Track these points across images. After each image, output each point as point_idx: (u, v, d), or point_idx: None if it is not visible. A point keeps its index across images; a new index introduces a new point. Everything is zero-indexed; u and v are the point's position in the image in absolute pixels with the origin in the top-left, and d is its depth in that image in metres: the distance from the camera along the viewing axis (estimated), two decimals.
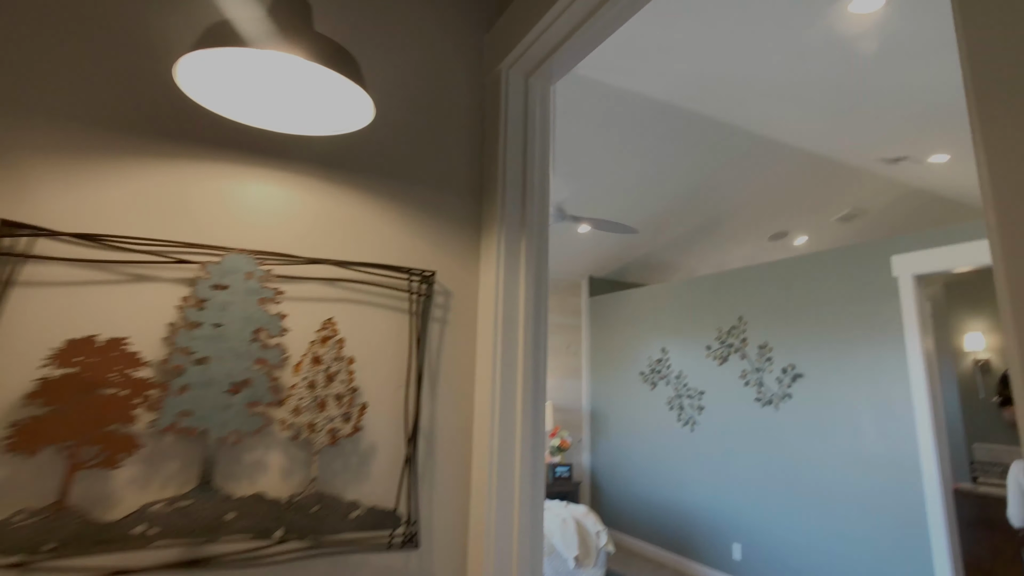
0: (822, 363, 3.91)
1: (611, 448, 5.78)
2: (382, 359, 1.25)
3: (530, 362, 1.29)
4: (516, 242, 1.33)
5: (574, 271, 6.26)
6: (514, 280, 1.32)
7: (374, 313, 1.26)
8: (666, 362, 5.22)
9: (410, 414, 1.25)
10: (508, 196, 1.34)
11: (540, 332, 1.34)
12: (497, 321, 1.29)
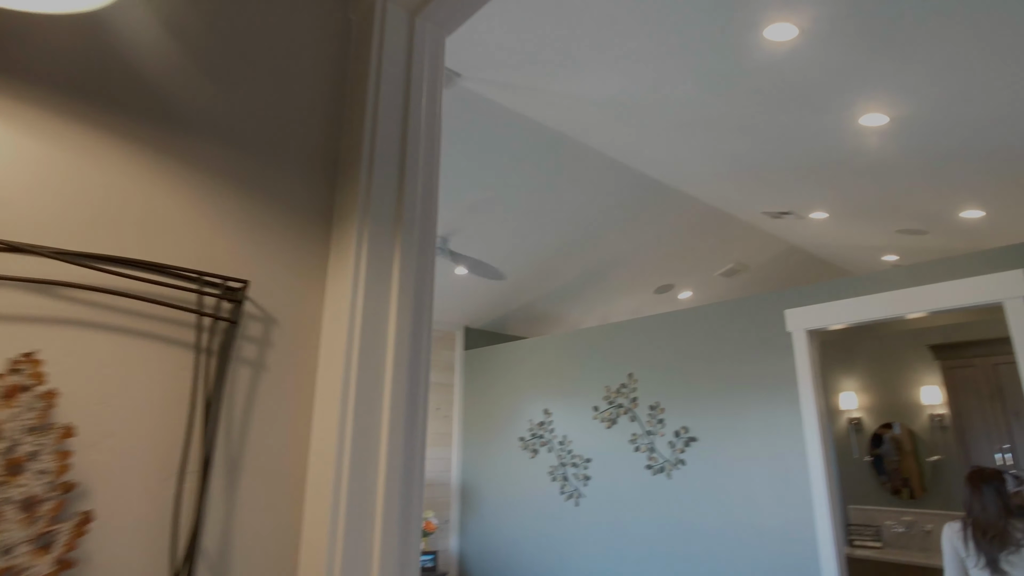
0: (717, 425, 3.83)
1: (484, 528, 5.29)
2: (134, 430, 0.75)
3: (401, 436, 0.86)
4: (387, 246, 0.92)
5: (448, 320, 5.86)
6: (381, 304, 0.89)
7: (125, 347, 0.76)
8: (549, 426, 4.92)
9: (184, 527, 0.76)
10: (377, 178, 0.93)
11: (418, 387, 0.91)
12: (350, 368, 0.85)
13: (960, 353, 4.49)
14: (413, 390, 0.88)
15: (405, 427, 0.86)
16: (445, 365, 5.85)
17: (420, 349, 0.91)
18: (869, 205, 4.01)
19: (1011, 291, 2.86)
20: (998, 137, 2.78)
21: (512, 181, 3.81)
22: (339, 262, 0.92)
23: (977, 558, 2.55)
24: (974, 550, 2.57)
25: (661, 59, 2.47)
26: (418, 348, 0.91)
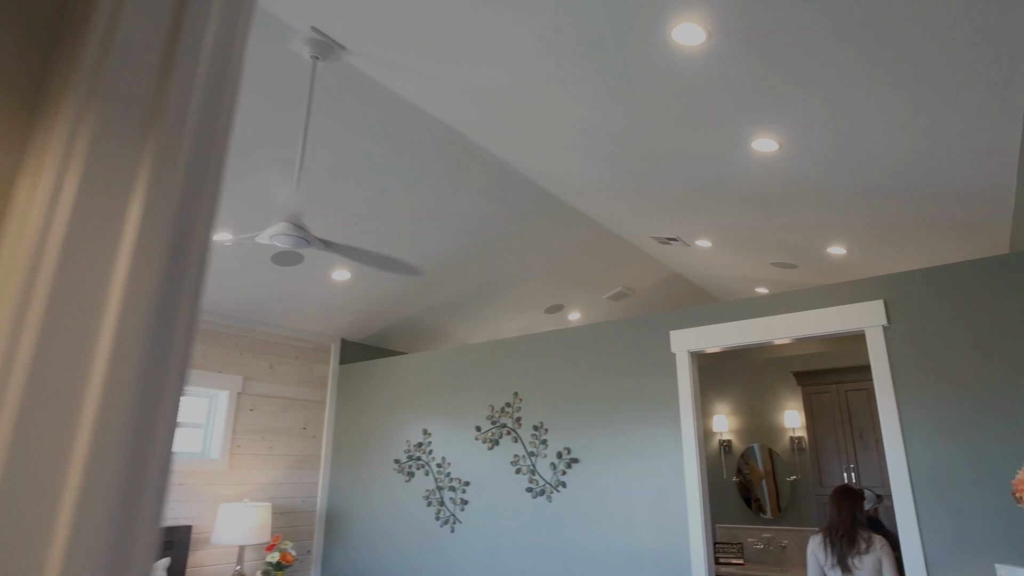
0: (599, 446, 3.74)
1: (350, 558, 4.84)
2: None
3: (125, 421, 0.55)
4: (127, 154, 0.60)
5: (323, 331, 5.40)
6: (100, 239, 0.58)
7: None
8: (427, 447, 4.62)
9: None
10: (119, 51, 0.61)
11: (166, 358, 0.61)
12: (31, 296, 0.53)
13: (818, 380, 4.79)
14: (156, 359, 0.59)
15: (135, 410, 0.55)
16: (317, 380, 5.37)
17: (175, 313, 0.61)
18: (749, 235, 4.18)
19: (872, 320, 3.02)
20: (869, 176, 2.95)
21: (399, 178, 3.54)
22: (40, 158, 0.59)
23: (828, 558, 2.94)
24: (828, 552, 2.95)
25: (564, 56, 2.35)
26: (171, 311, 0.60)
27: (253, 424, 4.82)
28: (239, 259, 3.99)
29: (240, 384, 4.76)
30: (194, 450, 4.54)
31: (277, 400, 5.01)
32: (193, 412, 4.59)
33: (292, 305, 4.78)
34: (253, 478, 4.74)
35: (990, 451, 2.62)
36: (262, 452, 4.84)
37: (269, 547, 4.52)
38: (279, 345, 5.11)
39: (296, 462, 5.06)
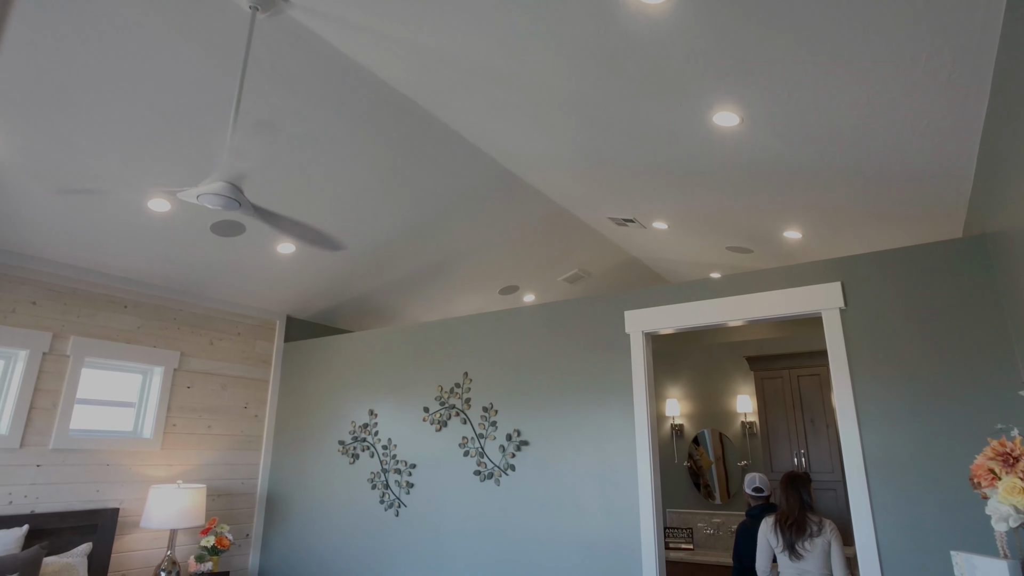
0: (549, 428, 3.60)
1: (290, 543, 4.61)
2: None
3: None
4: None
5: (267, 307, 5.11)
6: None
7: None
8: (373, 428, 4.41)
9: None
10: None
11: None
12: None
13: (770, 365, 4.76)
14: None
15: None
16: (260, 358, 5.09)
17: None
18: (706, 217, 4.08)
19: (829, 302, 2.94)
20: (829, 154, 2.86)
21: (349, 147, 3.31)
22: None
23: (779, 543, 3.03)
24: (780, 537, 3.04)
25: (519, 14, 2.16)
26: None
27: (190, 402, 4.53)
28: (176, 228, 3.69)
29: (177, 360, 4.46)
30: (125, 429, 4.23)
31: (217, 377, 4.73)
32: (125, 389, 4.28)
33: (234, 279, 4.49)
34: (188, 458, 4.46)
35: (944, 436, 2.57)
36: (199, 431, 4.55)
37: (204, 531, 4.26)
38: (220, 320, 4.82)
39: (236, 442, 4.79)
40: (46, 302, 3.85)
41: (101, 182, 3.21)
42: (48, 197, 3.27)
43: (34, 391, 3.74)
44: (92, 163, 3.06)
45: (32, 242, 3.65)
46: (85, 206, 3.40)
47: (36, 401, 3.74)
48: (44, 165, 3.02)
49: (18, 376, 3.69)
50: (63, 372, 3.87)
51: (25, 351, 3.72)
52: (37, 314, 3.80)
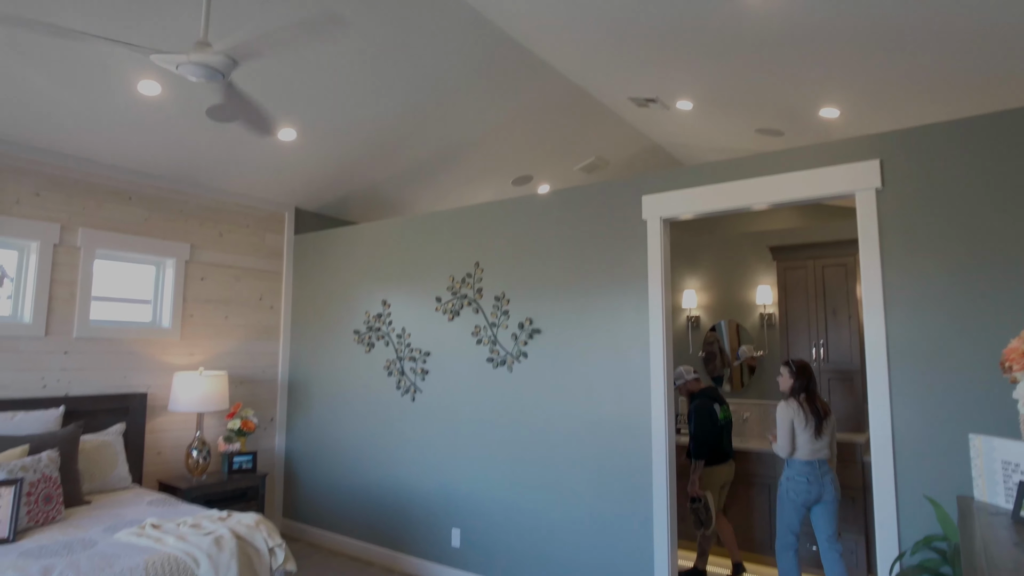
0: (562, 317, 3.55)
1: (313, 427, 4.81)
2: None
3: None
4: None
5: (275, 198, 5.01)
6: None
7: None
8: (387, 318, 4.43)
9: None
10: None
11: None
12: None
13: (794, 255, 4.59)
14: None
15: None
16: (271, 250, 5.06)
17: None
18: (735, 94, 3.75)
19: (864, 182, 2.72)
20: (880, 6, 2.52)
21: (346, 22, 3.02)
22: None
23: (807, 423, 3.29)
24: (808, 417, 3.30)
25: None
26: None
27: (205, 294, 4.56)
28: (169, 113, 3.51)
29: (188, 252, 4.44)
30: (144, 320, 4.30)
31: (229, 270, 4.73)
32: (139, 284, 4.30)
33: (238, 168, 4.35)
34: (208, 348, 4.56)
35: (973, 324, 2.44)
36: (217, 322, 4.62)
37: (230, 415, 4.44)
38: (228, 212, 4.74)
39: (254, 332, 4.88)
40: (50, 193, 3.79)
41: (87, 61, 3.02)
42: (39, 81, 3.09)
43: (51, 282, 3.76)
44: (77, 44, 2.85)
45: (28, 131, 3.52)
46: (77, 89, 3.22)
47: (54, 292, 3.78)
48: (32, 46, 2.82)
49: (33, 267, 3.70)
50: (76, 264, 3.88)
51: (36, 242, 3.71)
52: (42, 205, 3.75)
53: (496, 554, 3.67)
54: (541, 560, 3.48)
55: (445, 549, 3.91)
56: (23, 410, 3.49)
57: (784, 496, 3.33)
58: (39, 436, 3.23)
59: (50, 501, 2.92)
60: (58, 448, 3.23)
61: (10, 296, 3.69)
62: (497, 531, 3.68)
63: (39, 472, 2.92)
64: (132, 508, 3.17)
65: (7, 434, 3.21)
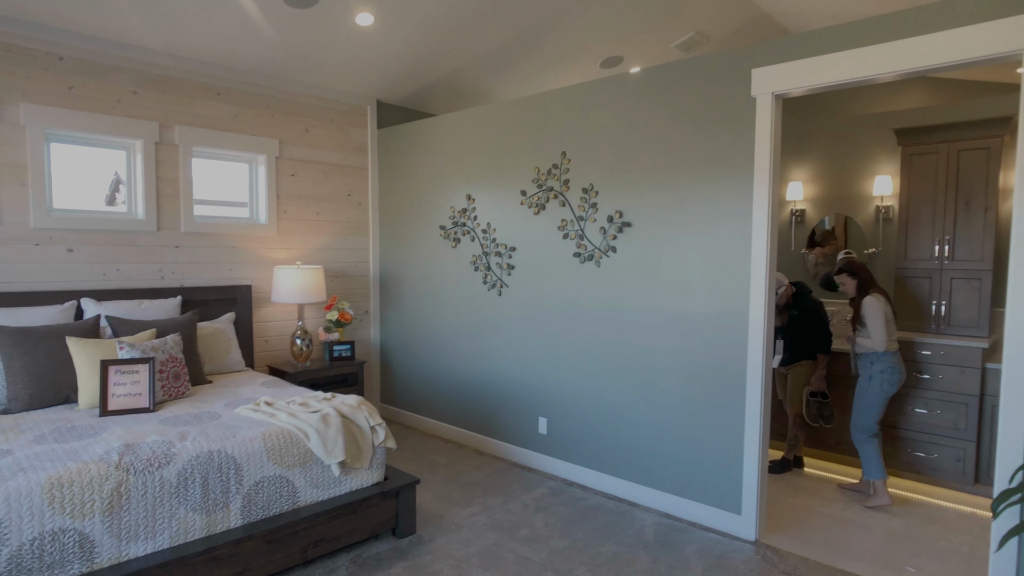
0: (655, 209, 3.39)
1: (404, 319, 5.03)
2: None
3: None
4: None
5: (356, 91, 4.97)
6: None
7: None
8: (472, 213, 4.42)
9: None
10: None
11: None
12: None
13: (925, 138, 4.08)
14: None
15: None
16: (356, 145, 5.10)
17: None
18: None
19: None
20: None
21: None
22: None
23: (892, 315, 3.54)
24: (892, 309, 3.55)
25: None
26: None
27: (296, 190, 4.72)
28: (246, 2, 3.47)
29: (277, 148, 4.55)
30: (243, 215, 4.53)
31: (317, 166, 4.83)
32: (235, 177, 4.49)
33: (318, 58, 4.31)
34: (303, 243, 4.78)
35: None
36: (309, 218, 4.80)
37: (328, 307, 4.70)
38: (312, 107, 4.77)
39: (344, 228, 5.04)
40: (145, 91, 3.93)
41: None
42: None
43: (156, 180, 3.99)
44: None
45: (120, 27, 3.61)
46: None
47: (160, 189, 4.02)
48: None
49: (139, 165, 3.93)
50: (176, 161, 4.08)
51: (139, 140, 3.91)
52: (140, 104, 3.91)
53: (581, 443, 3.79)
54: (626, 451, 3.57)
55: (532, 436, 4.09)
56: (147, 299, 3.84)
57: (878, 387, 3.51)
58: (162, 322, 3.57)
59: (179, 379, 3.25)
60: (179, 332, 3.56)
61: (124, 200, 3.96)
62: (583, 422, 3.78)
63: (166, 353, 3.24)
64: (247, 388, 3.49)
65: (136, 319, 3.56)
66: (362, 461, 2.93)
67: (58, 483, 2.14)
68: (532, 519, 3.29)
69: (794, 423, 4.11)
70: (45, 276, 3.59)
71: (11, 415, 2.90)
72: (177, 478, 2.38)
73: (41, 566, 2.08)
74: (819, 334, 4.03)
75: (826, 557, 2.93)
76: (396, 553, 2.88)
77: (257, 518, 2.59)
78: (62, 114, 3.59)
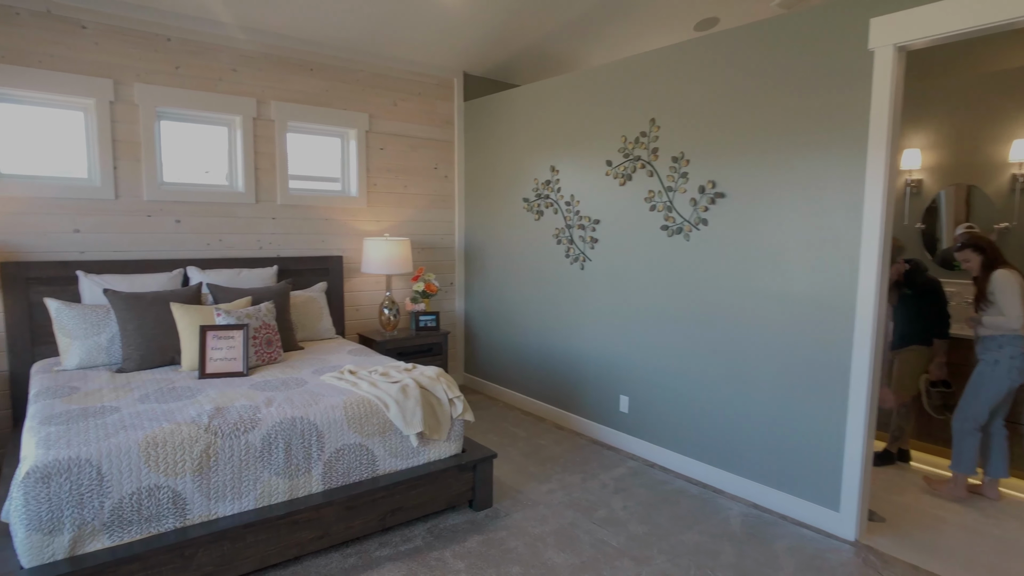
0: (751, 179, 3.01)
1: (488, 292, 4.90)
2: None
3: None
4: None
5: (443, 63, 4.81)
6: None
7: None
8: (555, 185, 4.18)
9: None
10: None
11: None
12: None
13: None
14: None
15: None
16: (442, 118, 4.96)
17: None
18: None
19: None
20: None
21: None
22: None
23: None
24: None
25: None
26: None
27: (385, 163, 4.66)
28: None
29: (366, 122, 4.50)
30: (335, 188, 4.53)
31: (405, 139, 4.74)
32: (327, 150, 4.49)
33: (407, 32, 4.17)
34: (391, 215, 4.74)
35: None
36: (397, 191, 4.74)
37: (414, 278, 4.65)
38: (400, 80, 4.67)
39: (430, 201, 4.95)
40: (244, 69, 3.95)
41: None
42: None
43: (255, 154, 4.04)
44: None
45: (219, 7, 3.62)
46: None
47: (258, 163, 4.07)
48: None
49: (239, 140, 3.98)
50: (272, 136, 4.10)
51: (238, 116, 3.95)
52: (239, 81, 3.94)
53: (664, 424, 3.53)
54: (713, 434, 3.27)
55: (613, 414, 3.86)
56: (246, 268, 3.92)
57: (1004, 374, 3.04)
58: (258, 290, 3.62)
59: (271, 345, 3.29)
60: (273, 301, 3.60)
61: (226, 176, 4.04)
62: (667, 402, 3.51)
63: (260, 320, 3.28)
64: (335, 355, 3.49)
65: (234, 287, 3.64)
66: (440, 433, 2.83)
67: (153, 442, 2.17)
68: (610, 500, 3.09)
69: (898, 413, 3.64)
70: (156, 245, 3.73)
71: (124, 374, 3.03)
72: (262, 443, 2.37)
73: (140, 519, 2.13)
74: (936, 316, 3.50)
75: (937, 565, 2.54)
76: (472, 526, 2.78)
77: (337, 484, 2.55)
78: (170, 93, 3.67)
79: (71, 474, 2.02)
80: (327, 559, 2.48)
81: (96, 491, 2.05)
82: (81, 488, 2.03)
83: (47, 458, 2.02)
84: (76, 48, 3.40)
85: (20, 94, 3.32)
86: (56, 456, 2.03)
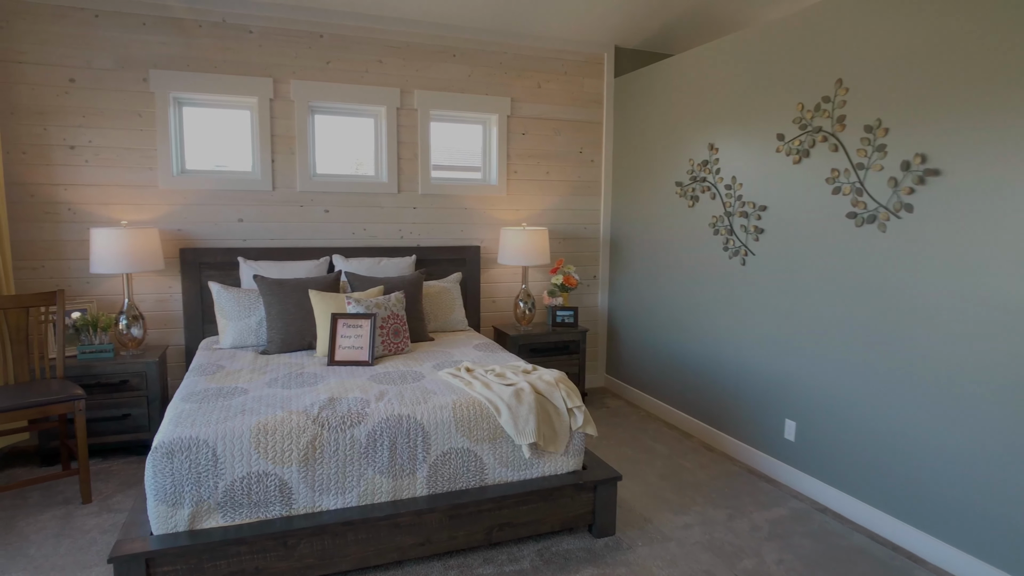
0: (981, 150, 2.27)
1: (634, 287, 4.49)
2: None
3: None
4: None
5: (592, 38, 4.47)
6: None
7: None
8: (714, 165, 3.65)
9: None
10: None
11: None
12: None
13: None
14: None
15: None
16: (589, 98, 4.63)
17: None
18: None
19: None
20: None
21: None
22: None
23: None
24: None
25: None
26: None
27: (527, 149, 4.47)
28: None
29: (508, 107, 4.35)
30: (475, 177, 4.46)
31: (549, 122, 4.51)
32: (469, 138, 4.42)
33: (551, 5, 3.91)
34: (531, 203, 4.55)
35: None
36: (538, 177, 4.54)
37: (553, 270, 4.43)
38: (545, 60, 4.44)
39: (574, 188, 4.67)
40: (389, 59, 4.01)
41: None
42: None
43: (398, 144, 4.10)
44: None
45: (366, 0, 3.70)
46: None
47: (401, 153, 4.12)
48: None
49: (384, 131, 4.07)
50: (415, 125, 4.13)
51: (383, 107, 4.03)
52: (384, 72, 4.01)
53: (842, 460, 2.87)
54: (909, 482, 2.57)
55: (775, 440, 3.27)
56: (386, 257, 4.00)
57: None
58: (391, 279, 3.65)
59: (398, 335, 3.28)
60: (404, 291, 3.60)
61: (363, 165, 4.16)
62: (846, 433, 2.85)
63: (388, 310, 3.28)
64: (460, 349, 3.39)
65: (372, 275, 3.71)
66: (556, 445, 2.56)
67: (264, 429, 2.21)
68: (761, 548, 2.57)
69: None
70: (307, 234, 3.95)
71: (266, 356, 3.22)
72: (367, 439, 2.30)
73: (249, 503, 2.17)
74: None
75: None
76: (587, 555, 2.48)
77: (442, 490, 2.42)
78: (321, 87, 3.84)
79: (191, 452, 2.12)
80: (428, 568, 2.36)
81: (211, 471, 2.13)
82: (199, 467, 2.12)
83: (172, 435, 2.14)
84: (243, 52, 3.69)
85: (202, 98, 3.69)
86: (180, 435, 2.14)
